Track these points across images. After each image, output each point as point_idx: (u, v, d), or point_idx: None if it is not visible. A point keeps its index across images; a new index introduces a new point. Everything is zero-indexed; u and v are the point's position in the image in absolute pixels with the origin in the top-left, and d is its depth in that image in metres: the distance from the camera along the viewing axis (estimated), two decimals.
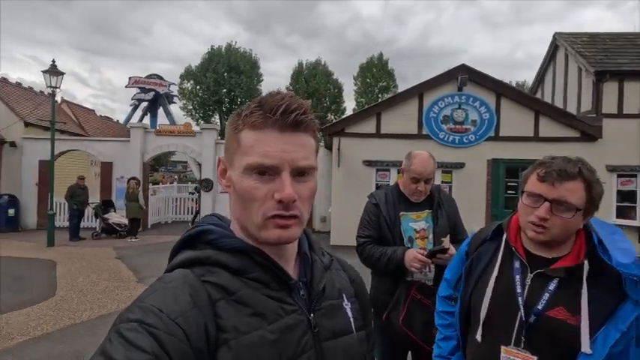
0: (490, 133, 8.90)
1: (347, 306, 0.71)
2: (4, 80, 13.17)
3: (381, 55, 34.23)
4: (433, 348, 1.39)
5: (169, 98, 21.97)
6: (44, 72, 8.70)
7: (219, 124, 31.89)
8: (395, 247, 1.87)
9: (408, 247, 1.87)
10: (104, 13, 67.11)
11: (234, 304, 0.56)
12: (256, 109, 0.58)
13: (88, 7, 67.16)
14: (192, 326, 0.51)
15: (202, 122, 28.00)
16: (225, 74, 30.26)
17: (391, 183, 5.88)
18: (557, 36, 10.76)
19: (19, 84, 13.91)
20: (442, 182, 8.86)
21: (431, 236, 1.95)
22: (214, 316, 0.54)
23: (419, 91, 9.00)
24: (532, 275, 1.03)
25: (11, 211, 10.91)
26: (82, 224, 10.20)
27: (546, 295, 0.99)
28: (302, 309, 0.62)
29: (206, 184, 11.25)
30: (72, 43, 71.95)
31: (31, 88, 14.40)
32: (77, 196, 9.57)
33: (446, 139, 8.93)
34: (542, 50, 11.91)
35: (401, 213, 1.99)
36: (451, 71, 8.87)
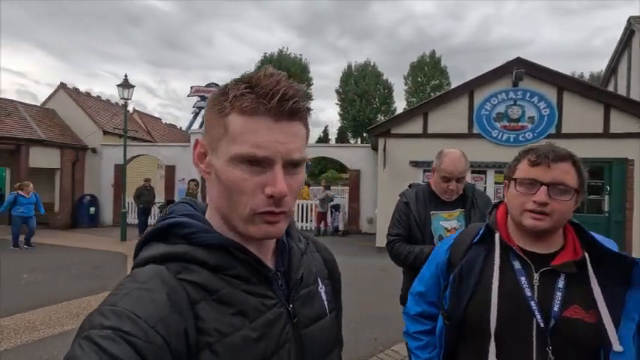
0: (550, 130, 8.23)
1: (322, 290, 0.71)
2: (88, 94, 15.02)
3: (433, 52, 33.13)
4: None
5: None
6: (118, 85, 9.83)
7: None
8: (422, 246, 1.90)
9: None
10: (170, 29, 73.23)
11: (214, 305, 0.53)
12: (247, 91, 0.52)
13: (156, 24, 73.76)
14: (171, 332, 0.48)
15: None
16: None
17: None
18: (632, 20, 9.63)
19: (98, 97, 15.76)
20: (495, 183, 8.38)
21: None
22: (195, 318, 0.51)
23: (469, 89, 8.61)
24: (538, 274, 0.94)
25: (92, 210, 12.42)
26: (150, 222, 11.27)
27: (559, 295, 0.90)
28: (281, 301, 0.60)
29: None
30: (143, 57, 79.45)
31: (108, 100, 16.23)
32: (143, 196, 10.64)
33: (499, 137, 8.44)
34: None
35: (432, 212, 2.00)
36: (505, 65, 8.37)
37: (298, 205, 12.09)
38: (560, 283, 0.92)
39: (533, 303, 0.91)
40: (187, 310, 0.51)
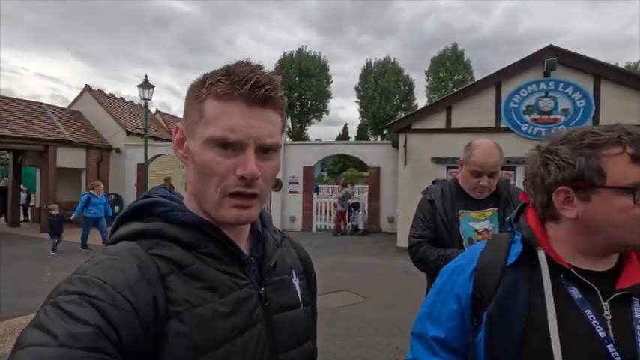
0: (587, 123, 7.66)
1: (296, 282, 0.71)
2: (112, 96, 15.43)
3: (455, 46, 32.27)
4: None
5: None
6: (138, 86, 9.99)
7: (290, 126, 33.17)
8: (453, 250, 1.68)
9: None
10: (194, 32, 75.01)
11: (185, 278, 0.54)
12: (223, 78, 0.54)
13: (181, 27, 75.76)
14: (140, 298, 0.48)
15: None
16: (296, 78, 31.34)
17: None
18: None
19: (122, 98, 16.17)
20: (526, 182, 7.91)
21: None
22: (164, 288, 0.51)
23: (496, 80, 8.16)
24: (608, 304, 0.70)
25: (117, 208, 12.67)
26: None
27: (638, 329, 0.67)
28: (253, 283, 0.61)
29: (276, 184, 11.75)
30: (168, 61, 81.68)
31: (131, 102, 16.61)
32: None
33: (530, 131, 7.95)
34: None
35: (460, 211, 1.78)
36: (535, 55, 7.86)
37: (317, 203, 11.93)
38: (637, 312, 0.68)
39: (611, 347, 0.65)
40: (157, 280, 0.51)
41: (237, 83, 0.54)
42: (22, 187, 13.35)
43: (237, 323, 0.56)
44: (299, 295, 0.70)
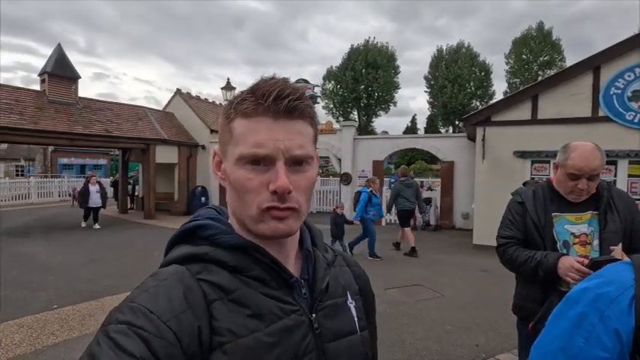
0: None
1: (351, 304, 0.67)
2: (198, 98, 17.06)
3: (540, 24, 28.98)
4: None
5: (314, 99, 24.09)
6: (222, 88, 10.97)
7: (357, 119, 33.11)
8: (545, 252, 1.69)
9: (563, 254, 1.66)
10: (267, 29, 78.37)
11: (231, 305, 0.53)
12: (248, 96, 0.55)
13: (256, 25, 79.65)
14: (184, 329, 0.48)
15: (342, 119, 29.59)
16: (363, 71, 31.12)
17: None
18: None
19: (206, 99, 17.78)
20: (629, 176, 6.99)
21: (596, 242, 1.68)
22: (209, 317, 0.51)
23: (593, 64, 7.28)
24: None
25: (203, 198, 14.18)
26: None
27: None
28: (303, 309, 0.58)
29: (345, 178, 11.98)
30: (244, 59, 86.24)
31: (213, 102, 18.18)
32: None
33: (636, 120, 6.98)
34: None
35: (554, 214, 1.77)
36: None
37: (387, 197, 11.89)
38: None
39: None
40: (202, 309, 0.51)
41: (261, 98, 0.54)
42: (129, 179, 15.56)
43: (283, 355, 0.53)
44: (355, 319, 0.66)
